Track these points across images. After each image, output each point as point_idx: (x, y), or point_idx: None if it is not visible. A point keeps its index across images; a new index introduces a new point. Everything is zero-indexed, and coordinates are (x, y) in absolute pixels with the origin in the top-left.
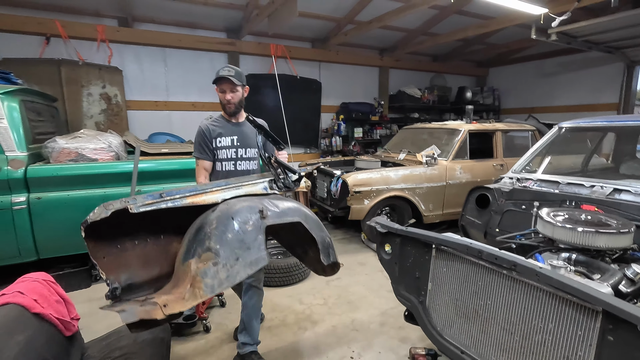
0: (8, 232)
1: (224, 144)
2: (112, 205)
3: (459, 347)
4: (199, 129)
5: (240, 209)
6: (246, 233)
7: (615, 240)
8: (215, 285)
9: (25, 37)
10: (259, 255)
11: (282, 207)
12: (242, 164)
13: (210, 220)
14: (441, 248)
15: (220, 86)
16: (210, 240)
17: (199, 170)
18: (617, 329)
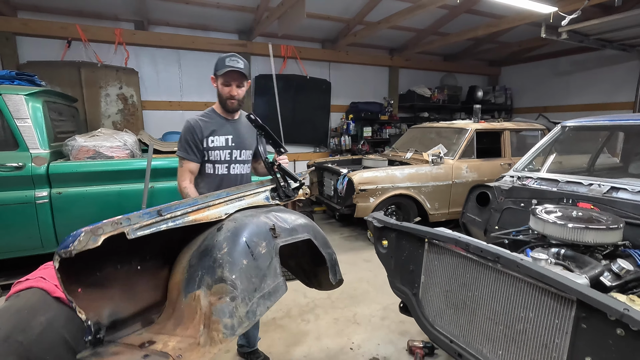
0: (32, 224)
1: (218, 144)
2: (102, 229)
3: (448, 337)
4: (188, 124)
5: (250, 228)
6: (260, 258)
7: (604, 236)
8: (235, 325)
9: (48, 41)
10: (276, 284)
11: (291, 223)
12: (236, 167)
13: (218, 242)
14: (433, 242)
15: (227, 78)
16: (223, 268)
17: (183, 172)
18: (590, 317)
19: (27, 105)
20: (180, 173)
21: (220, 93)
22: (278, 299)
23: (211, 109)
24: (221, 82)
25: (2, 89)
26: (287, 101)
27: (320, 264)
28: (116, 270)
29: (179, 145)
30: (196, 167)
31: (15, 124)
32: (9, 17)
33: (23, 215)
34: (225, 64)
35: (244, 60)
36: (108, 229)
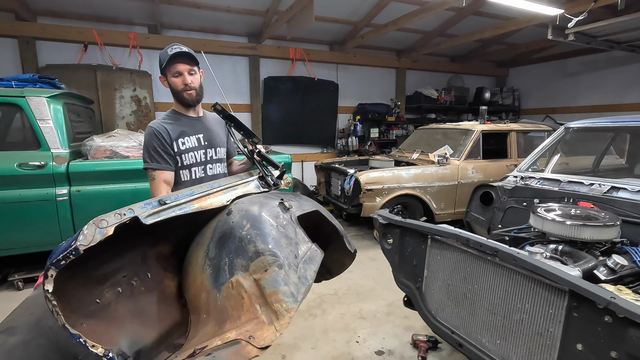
0: (52, 220)
1: (190, 145)
2: (106, 220)
3: (450, 328)
4: (150, 130)
5: (262, 205)
6: (286, 227)
7: (600, 232)
8: (294, 291)
9: (66, 45)
10: (311, 249)
11: (295, 199)
12: (213, 167)
13: (237, 223)
14: (435, 238)
15: (174, 68)
16: (255, 242)
17: (158, 185)
18: (581, 306)
19: (48, 107)
20: (154, 187)
21: (173, 88)
22: (319, 263)
23: (171, 111)
24: (171, 75)
25: (25, 92)
26: (295, 103)
27: (328, 245)
28: (117, 294)
29: (145, 156)
30: (171, 177)
31: (37, 124)
32: (29, 22)
33: (44, 211)
34: (168, 53)
35: (187, 47)
36: (112, 220)
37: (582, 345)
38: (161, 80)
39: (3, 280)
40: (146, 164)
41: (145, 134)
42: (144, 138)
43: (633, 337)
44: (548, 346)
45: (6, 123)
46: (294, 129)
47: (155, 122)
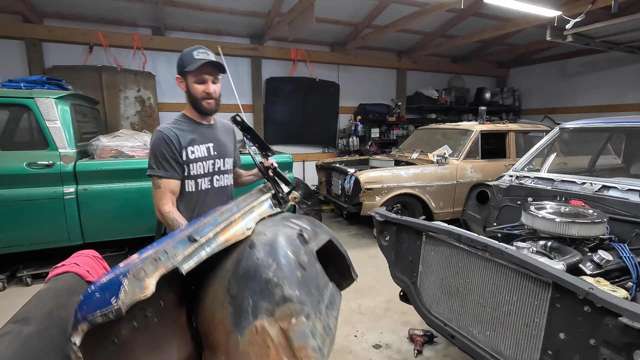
0: (60, 218)
1: (199, 155)
2: (143, 270)
3: (443, 321)
4: (160, 135)
5: (284, 239)
6: (307, 267)
7: (588, 229)
8: (321, 344)
9: (71, 47)
10: (331, 291)
11: (310, 227)
12: (221, 178)
13: (262, 260)
14: (430, 234)
15: (201, 74)
16: (282, 286)
17: (163, 194)
18: (563, 297)
19: (56, 108)
20: (159, 196)
21: (192, 94)
22: (339, 307)
23: (182, 115)
24: (193, 80)
25: (34, 93)
26: (296, 103)
27: (329, 263)
28: (133, 330)
29: (151, 161)
30: (177, 186)
31: (46, 125)
32: (36, 24)
33: (52, 209)
34: (194, 57)
35: (212, 53)
36: (150, 268)
37: (564, 334)
38: (178, 81)
39: (12, 276)
40: (152, 171)
41: (153, 138)
42: (152, 142)
43: (609, 326)
44: (534, 336)
45: (15, 123)
46: (295, 129)
47: (165, 126)
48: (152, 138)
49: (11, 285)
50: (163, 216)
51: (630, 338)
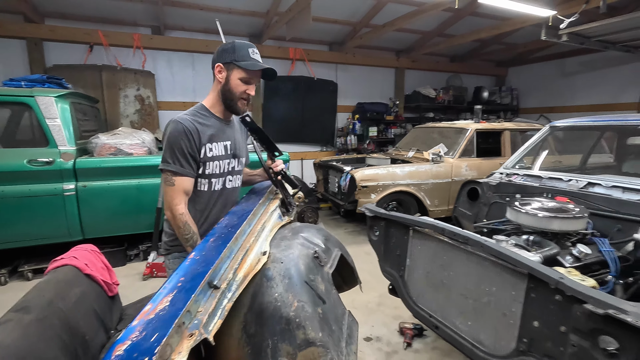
0: (60, 215)
1: (217, 153)
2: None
3: (428, 312)
4: (180, 127)
5: (300, 265)
6: (325, 296)
7: (568, 224)
8: None
9: (72, 46)
10: (346, 318)
11: (321, 242)
12: (233, 179)
13: (281, 297)
14: (416, 229)
15: (252, 76)
16: (305, 329)
17: (177, 192)
18: (537, 287)
19: (56, 106)
20: (172, 194)
21: (232, 90)
22: (357, 338)
23: (201, 107)
24: (240, 77)
25: (34, 92)
26: (295, 102)
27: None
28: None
29: (166, 155)
30: (191, 185)
31: (46, 123)
32: (37, 24)
33: (52, 206)
34: (250, 55)
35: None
36: (175, 340)
37: (538, 322)
38: (217, 69)
39: (14, 271)
40: (166, 165)
41: (172, 129)
42: (169, 134)
43: (578, 313)
44: (511, 325)
45: (16, 121)
46: (294, 128)
47: (185, 117)
48: (168, 129)
49: (12, 279)
50: (174, 218)
51: (594, 324)
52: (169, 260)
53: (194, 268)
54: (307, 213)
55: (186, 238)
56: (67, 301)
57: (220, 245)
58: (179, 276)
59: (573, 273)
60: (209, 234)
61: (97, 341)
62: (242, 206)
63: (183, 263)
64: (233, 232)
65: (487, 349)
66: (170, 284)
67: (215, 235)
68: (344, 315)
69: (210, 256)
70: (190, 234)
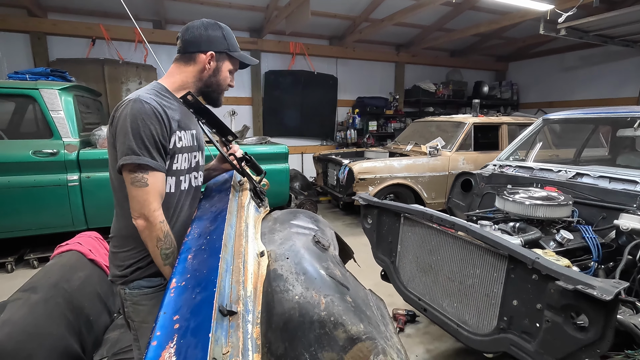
0: (64, 205)
1: (186, 143)
2: None
3: (417, 296)
4: (148, 107)
5: (310, 258)
6: (346, 282)
7: (553, 211)
8: None
9: (75, 40)
10: (369, 296)
11: (313, 224)
12: (198, 176)
13: (304, 296)
14: (407, 216)
15: (236, 66)
16: (344, 324)
17: (152, 194)
18: (516, 268)
19: (60, 99)
20: (146, 197)
21: (220, 81)
22: (389, 313)
23: (163, 88)
24: (229, 68)
25: (39, 84)
26: (295, 96)
27: None
28: None
29: (132, 144)
30: (165, 184)
31: (50, 115)
32: (41, 18)
33: (57, 196)
34: (238, 46)
35: None
36: None
37: (517, 301)
38: (207, 57)
39: (20, 259)
40: (136, 158)
41: (137, 110)
42: (133, 117)
43: (551, 290)
44: (492, 305)
45: (21, 114)
46: (294, 122)
47: (149, 96)
48: (129, 110)
49: (19, 267)
50: (153, 227)
51: (566, 300)
52: (128, 293)
53: (187, 298)
54: (306, 206)
55: (166, 254)
56: (71, 283)
57: (209, 258)
58: (169, 315)
59: (549, 254)
60: (181, 250)
61: (101, 322)
62: (207, 208)
63: (167, 295)
64: (216, 239)
65: (471, 328)
66: (163, 330)
67: (192, 250)
68: (368, 296)
69: (203, 276)
70: (172, 248)
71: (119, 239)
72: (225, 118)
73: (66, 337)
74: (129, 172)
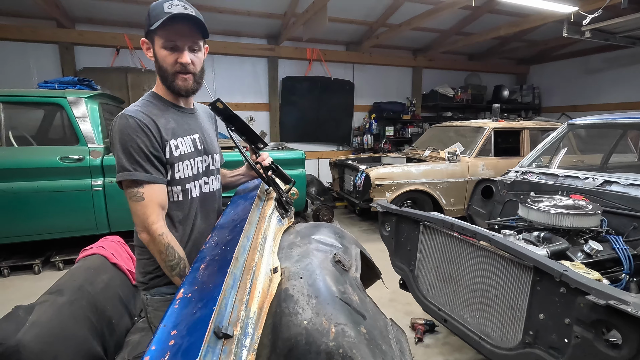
0: (88, 209)
1: (185, 150)
2: None
3: (437, 306)
4: (132, 122)
5: (324, 276)
6: (362, 309)
7: (580, 220)
8: None
9: (100, 50)
10: (389, 327)
11: (337, 241)
12: (210, 182)
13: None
14: (426, 224)
15: (169, 35)
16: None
17: (149, 207)
18: (542, 280)
19: (86, 107)
20: (143, 211)
21: (161, 65)
22: (410, 351)
23: (153, 95)
24: (161, 44)
25: (67, 93)
26: (312, 102)
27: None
28: None
29: (123, 161)
30: (165, 194)
31: (77, 122)
32: (69, 29)
33: (81, 200)
34: (164, 10)
35: (192, 7)
36: None
37: (543, 314)
38: (143, 46)
39: (46, 261)
40: (127, 174)
41: (121, 127)
42: (119, 134)
43: (581, 305)
44: (517, 317)
45: (50, 121)
46: (310, 127)
47: (136, 109)
48: (116, 127)
49: (45, 269)
50: (153, 241)
51: (597, 315)
52: (150, 299)
53: (187, 313)
54: (323, 211)
55: (171, 266)
56: (95, 286)
57: (217, 272)
58: (168, 329)
59: (578, 266)
60: (197, 259)
61: (122, 325)
62: (230, 216)
63: (171, 307)
64: (230, 250)
65: (494, 341)
66: (158, 345)
67: (206, 259)
68: (387, 327)
69: (207, 290)
70: (176, 259)
71: (139, 247)
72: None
73: (89, 339)
74: (125, 188)
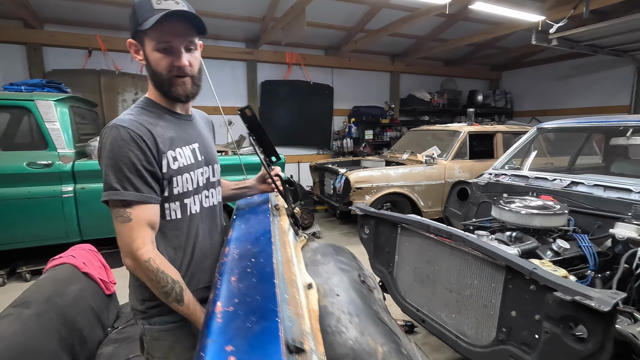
0: (58, 216)
1: (185, 162)
2: None
3: (415, 307)
4: (124, 133)
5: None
6: (395, 329)
7: (549, 220)
8: None
9: (71, 51)
10: (412, 346)
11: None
12: (210, 195)
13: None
14: (404, 226)
15: (162, 35)
16: None
17: (136, 229)
18: (514, 278)
19: (56, 110)
20: (129, 234)
21: (155, 69)
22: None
23: (148, 102)
24: (153, 47)
25: (34, 96)
26: (291, 106)
27: None
28: None
29: (111, 178)
30: (157, 215)
31: (45, 126)
32: (37, 29)
33: (51, 207)
34: (153, 6)
35: (186, 2)
36: None
37: (515, 312)
38: (131, 49)
39: (12, 272)
40: (114, 194)
41: (112, 139)
42: (109, 146)
43: (550, 301)
44: (491, 315)
45: (16, 125)
46: (290, 131)
47: (129, 119)
48: (106, 139)
49: (11, 280)
50: (140, 267)
51: (565, 311)
52: (148, 328)
53: (239, 327)
54: (303, 215)
55: (165, 292)
56: (65, 298)
57: (261, 283)
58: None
59: (546, 264)
60: (221, 271)
61: (95, 337)
62: (245, 229)
63: (212, 322)
64: (265, 262)
65: (470, 339)
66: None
67: (235, 271)
68: (414, 349)
69: (256, 302)
70: (170, 284)
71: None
72: (221, 128)
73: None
74: (112, 207)
